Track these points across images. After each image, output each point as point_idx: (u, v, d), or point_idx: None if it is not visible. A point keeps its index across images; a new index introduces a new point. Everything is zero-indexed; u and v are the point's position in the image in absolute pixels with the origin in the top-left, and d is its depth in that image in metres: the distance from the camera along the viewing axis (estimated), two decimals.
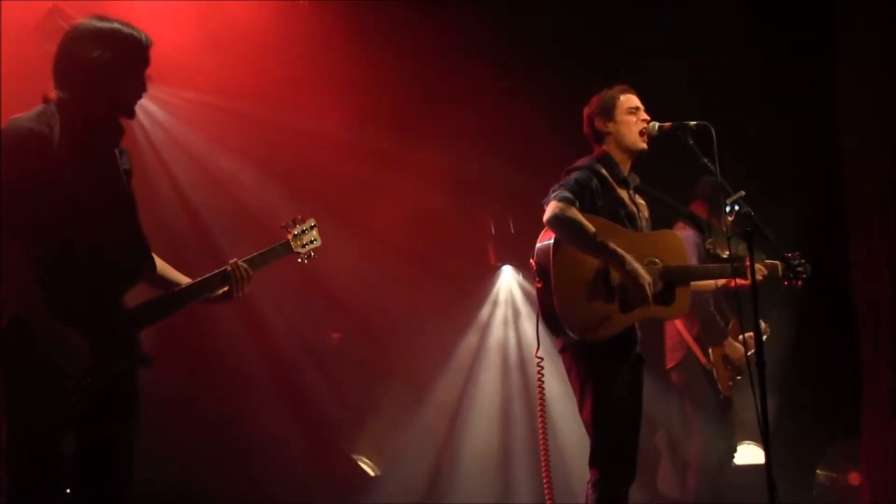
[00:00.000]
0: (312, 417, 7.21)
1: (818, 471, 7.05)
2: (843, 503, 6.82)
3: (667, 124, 4.37)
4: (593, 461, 4.22)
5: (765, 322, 6.20)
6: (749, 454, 6.83)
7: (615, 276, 4.20)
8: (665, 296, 4.33)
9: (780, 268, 4.89)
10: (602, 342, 4.18)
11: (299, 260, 4.02)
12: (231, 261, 3.71)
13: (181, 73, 6.23)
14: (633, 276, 4.13)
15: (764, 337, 6.04)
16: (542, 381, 4.46)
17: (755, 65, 7.11)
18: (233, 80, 6.55)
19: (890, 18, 6.45)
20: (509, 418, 7.98)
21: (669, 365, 6.16)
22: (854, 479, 6.83)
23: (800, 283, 4.85)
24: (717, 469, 6.09)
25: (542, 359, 4.41)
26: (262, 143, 6.91)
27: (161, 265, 3.65)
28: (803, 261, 4.83)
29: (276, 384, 7.06)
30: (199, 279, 3.65)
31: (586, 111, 4.54)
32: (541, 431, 4.56)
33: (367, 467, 7.62)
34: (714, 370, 5.98)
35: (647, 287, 4.13)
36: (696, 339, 6.03)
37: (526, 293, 8.21)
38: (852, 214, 6.72)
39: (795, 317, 6.61)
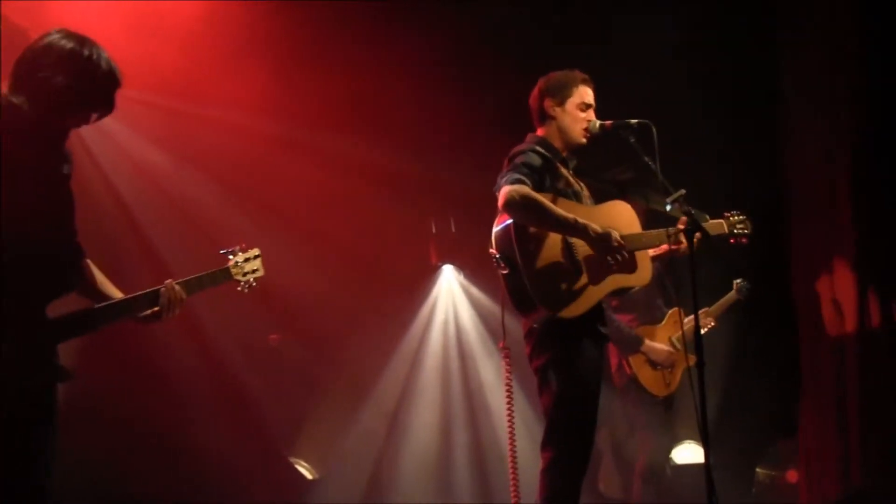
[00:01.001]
0: (249, 420, 7.18)
1: (758, 469, 7.22)
2: (782, 500, 6.96)
3: (608, 123, 4.42)
4: (549, 442, 4.24)
5: (712, 317, 6.37)
6: (691, 453, 6.95)
7: (579, 250, 4.25)
8: (627, 264, 4.34)
9: (725, 225, 4.91)
10: (574, 319, 4.20)
11: (238, 288, 3.99)
12: (166, 281, 3.64)
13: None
14: (601, 237, 4.16)
15: (706, 329, 6.26)
16: (511, 375, 4.50)
17: (698, 62, 7.26)
18: (165, 76, 6.46)
19: (830, 13, 6.65)
20: (449, 418, 8.05)
21: (612, 370, 6.23)
22: (792, 476, 6.99)
23: (745, 240, 4.95)
24: (661, 469, 6.18)
25: (508, 349, 4.47)
26: (196, 141, 6.83)
27: (99, 277, 3.58)
28: (743, 217, 4.95)
29: (211, 386, 6.99)
30: (128, 296, 3.57)
31: (541, 83, 4.56)
32: (508, 426, 4.61)
33: (305, 470, 7.61)
34: (639, 377, 6.06)
35: (616, 238, 4.17)
36: (618, 350, 6.11)
37: (467, 293, 8.28)
38: (794, 214, 6.89)
39: (739, 314, 6.74)
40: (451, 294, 8.35)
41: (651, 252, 4.73)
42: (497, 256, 4.26)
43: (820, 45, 6.65)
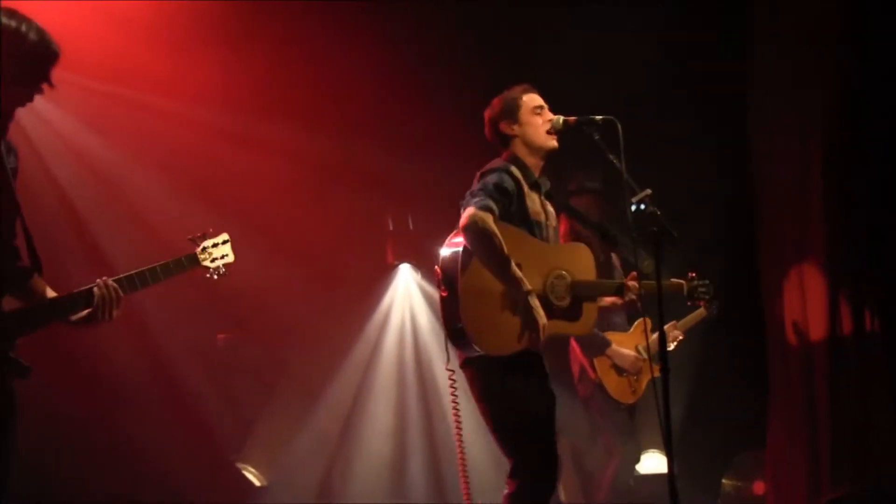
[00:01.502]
0: (194, 423, 7.03)
1: (724, 479, 7.17)
2: None
3: (571, 119, 4.38)
4: (518, 471, 4.16)
5: (680, 330, 6.34)
6: (655, 462, 6.92)
7: None
8: (571, 311, 4.32)
9: (685, 287, 4.86)
10: (508, 357, 4.16)
11: (207, 275, 3.87)
12: (99, 279, 3.46)
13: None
14: (531, 314, 4.10)
15: (674, 344, 6.22)
16: (456, 397, 4.40)
17: (668, 58, 7.26)
18: (113, 62, 6.38)
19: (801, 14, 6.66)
20: (405, 422, 7.99)
21: (575, 380, 6.19)
22: (759, 487, 6.94)
23: (702, 303, 4.97)
24: (625, 478, 6.14)
25: (453, 371, 4.34)
26: (142, 130, 6.72)
27: (36, 279, 3.42)
28: (705, 281, 4.93)
29: (155, 387, 6.87)
30: (58, 297, 3.42)
31: (488, 115, 4.52)
32: (458, 450, 4.53)
33: (253, 476, 7.50)
34: (604, 382, 6.02)
35: (541, 330, 4.11)
36: (583, 352, 6.07)
37: (424, 293, 8.22)
38: (764, 226, 6.88)
39: (707, 324, 6.72)
40: (407, 294, 8.28)
41: (608, 301, 4.79)
42: (440, 277, 4.21)
43: (793, 49, 6.68)
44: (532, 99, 4.48)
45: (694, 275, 4.87)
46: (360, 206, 7.63)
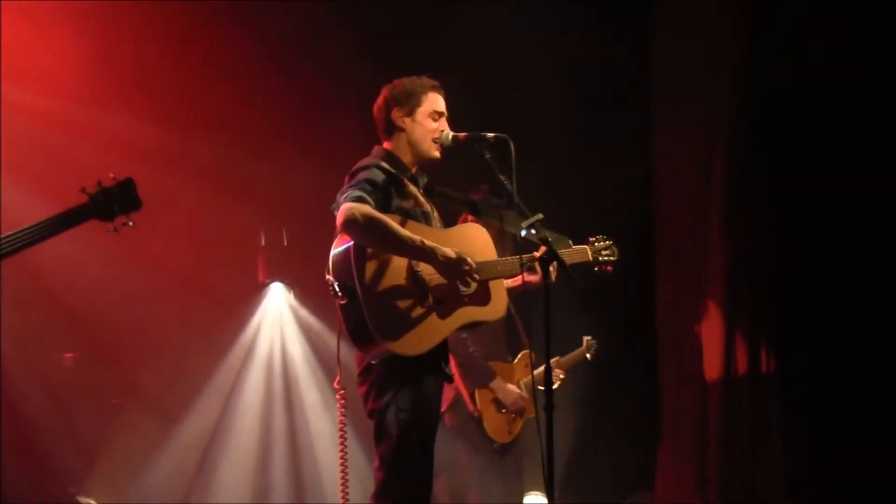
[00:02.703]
0: (31, 451, 6.79)
1: None
2: None
3: (461, 134, 4.34)
4: (384, 493, 4.12)
5: (562, 368, 6.35)
6: None
7: (427, 278, 4.15)
8: (480, 295, 4.28)
9: (588, 252, 4.88)
10: (417, 356, 4.11)
11: (109, 229, 3.63)
12: None
13: None
14: (452, 262, 4.08)
15: (556, 383, 6.23)
16: (345, 419, 4.34)
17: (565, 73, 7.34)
18: None
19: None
20: (268, 458, 7.82)
21: (442, 407, 6.14)
22: None
23: (609, 268, 4.96)
24: None
25: (343, 389, 4.28)
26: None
27: None
28: (609, 242, 4.98)
29: None
30: None
31: (385, 92, 4.44)
32: (341, 476, 4.47)
33: None
34: (482, 418, 5.91)
35: (470, 263, 4.10)
36: (464, 381, 5.92)
37: (297, 316, 8.04)
38: (662, 255, 7.01)
39: (596, 359, 6.76)
40: (278, 316, 8.11)
41: (507, 283, 4.63)
42: (334, 284, 4.10)
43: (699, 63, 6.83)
44: (435, 101, 4.43)
45: (594, 239, 4.90)
46: (229, 218, 7.45)
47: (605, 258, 4.94)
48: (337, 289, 4.10)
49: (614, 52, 7.12)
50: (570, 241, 4.80)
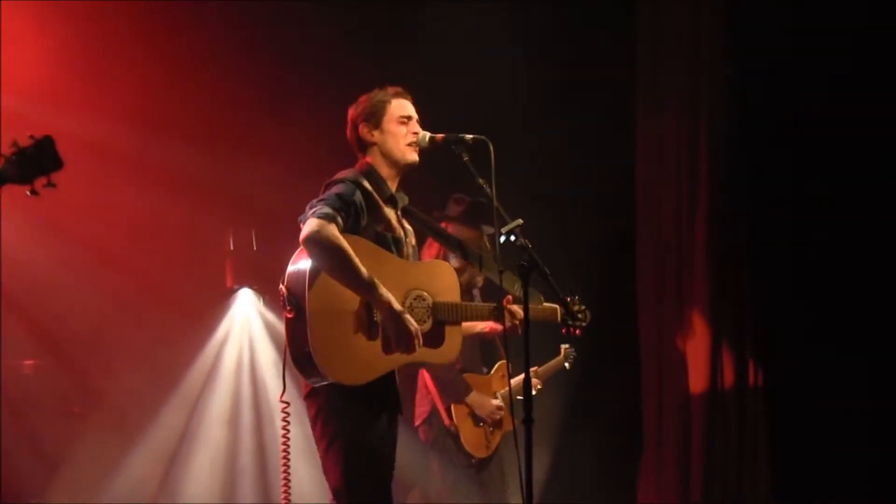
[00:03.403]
0: None
1: None
2: None
3: (439, 136, 4.33)
4: None
5: (540, 378, 6.35)
6: None
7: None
8: (433, 336, 4.24)
9: (558, 313, 4.84)
10: (360, 387, 4.07)
11: (28, 193, 3.40)
12: None
13: None
14: (393, 315, 4.03)
15: (535, 389, 6.23)
16: (288, 439, 4.29)
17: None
18: None
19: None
20: (237, 465, 7.78)
21: (417, 422, 6.01)
22: None
23: (578, 332, 4.86)
24: None
25: (287, 404, 4.24)
26: None
27: None
28: (584, 307, 4.96)
29: None
30: None
31: (351, 112, 4.42)
32: (283, 490, 4.44)
33: None
34: (459, 432, 5.89)
35: (414, 339, 4.06)
36: (440, 395, 5.93)
37: (267, 323, 8.02)
38: (644, 270, 7.04)
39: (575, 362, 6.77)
40: (247, 323, 8.08)
41: (481, 327, 4.79)
42: (285, 295, 4.10)
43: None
44: (401, 106, 4.41)
45: (570, 299, 4.90)
46: (196, 221, 7.40)
47: (576, 323, 4.92)
48: (287, 301, 4.09)
49: (598, 48, 7.18)
50: (542, 297, 4.78)
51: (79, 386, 7.31)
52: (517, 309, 4.43)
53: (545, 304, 4.77)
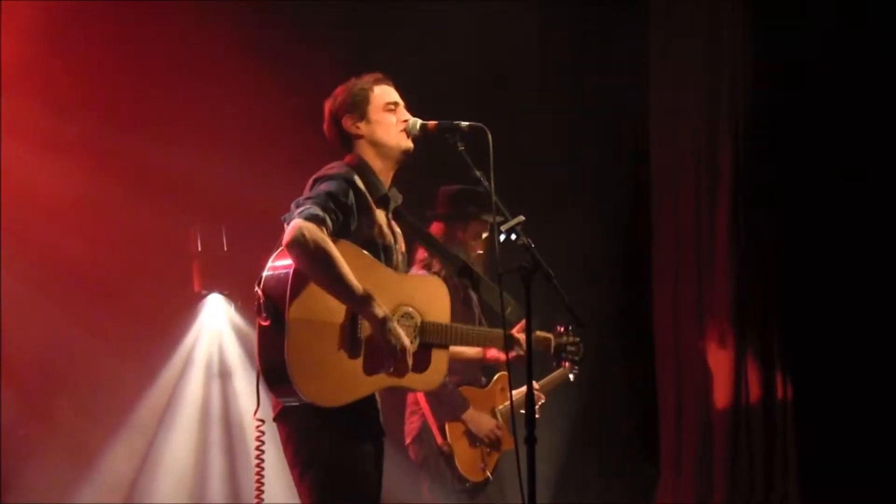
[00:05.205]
0: None
1: None
2: None
3: (431, 123, 4.25)
4: None
5: (542, 391, 6.30)
6: None
7: (366, 328, 4.02)
8: (418, 360, 4.15)
9: (552, 343, 4.92)
10: (338, 408, 4.00)
11: None
12: None
13: None
14: (391, 341, 3.98)
15: (539, 403, 6.19)
16: (263, 458, 4.20)
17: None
18: None
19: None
20: (205, 494, 7.76)
21: (407, 440, 5.90)
22: None
23: (567, 364, 5.04)
24: None
25: (262, 422, 4.13)
26: None
27: None
28: (577, 340, 4.93)
29: None
30: None
31: (329, 106, 4.35)
32: None
33: None
34: (453, 453, 5.80)
35: (408, 359, 4.02)
36: (433, 411, 5.82)
37: (238, 331, 8.00)
38: (660, 274, 7.02)
39: (583, 372, 6.78)
40: (217, 333, 8.05)
41: (471, 353, 4.86)
42: (261, 300, 3.99)
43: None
44: (385, 92, 4.33)
45: (563, 329, 4.85)
46: (160, 220, 7.36)
47: (568, 356, 4.89)
48: (263, 307, 3.98)
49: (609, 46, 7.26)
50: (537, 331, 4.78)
51: (27, 407, 7.26)
52: (523, 338, 4.38)
53: (538, 333, 4.84)
